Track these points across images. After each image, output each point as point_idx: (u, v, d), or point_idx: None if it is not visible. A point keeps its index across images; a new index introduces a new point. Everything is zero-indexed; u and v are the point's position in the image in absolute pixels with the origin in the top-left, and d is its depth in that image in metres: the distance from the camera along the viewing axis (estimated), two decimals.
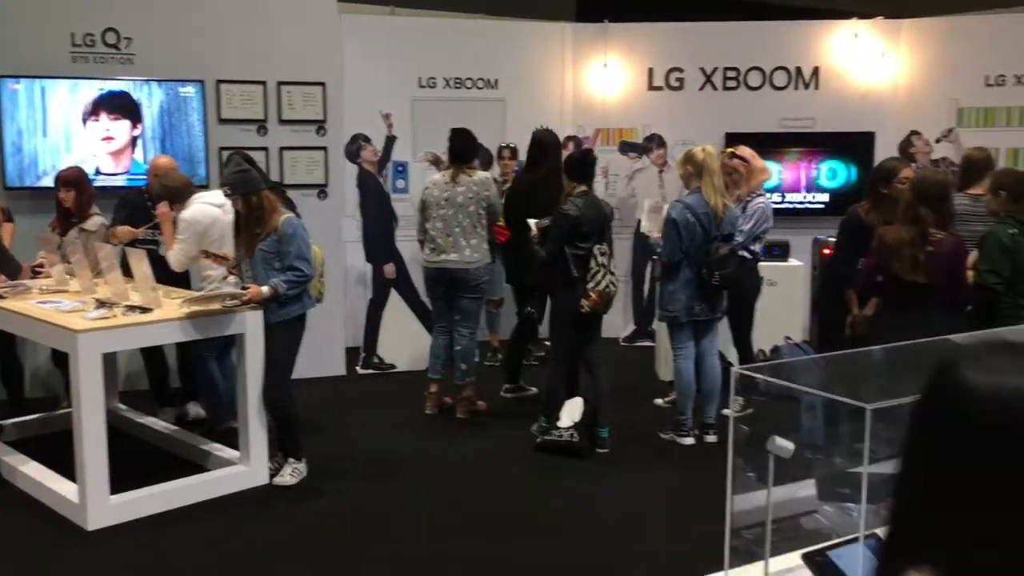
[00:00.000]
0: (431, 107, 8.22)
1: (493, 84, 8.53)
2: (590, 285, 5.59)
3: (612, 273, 5.69)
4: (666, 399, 6.61)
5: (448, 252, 6.22)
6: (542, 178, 6.36)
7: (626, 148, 8.57)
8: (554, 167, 6.29)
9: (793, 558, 2.25)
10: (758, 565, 2.22)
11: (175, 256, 5.58)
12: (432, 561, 4.36)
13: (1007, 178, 5.23)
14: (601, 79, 8.73)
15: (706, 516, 2.69)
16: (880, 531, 2.40)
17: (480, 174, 6.34)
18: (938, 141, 7.88)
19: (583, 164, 5.85)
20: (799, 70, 8.60)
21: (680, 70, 8.69)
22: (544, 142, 6.54)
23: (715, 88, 8.69)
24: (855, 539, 2.20)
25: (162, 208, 5.69)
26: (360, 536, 4.64)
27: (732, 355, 6.46)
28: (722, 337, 6.21)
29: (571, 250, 5.61)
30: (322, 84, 7.27)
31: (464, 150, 6.32)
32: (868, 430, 1.94)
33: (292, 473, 5.22)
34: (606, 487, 5.27)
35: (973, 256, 5.05)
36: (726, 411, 6.36)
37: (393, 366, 7.60)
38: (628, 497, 5.10)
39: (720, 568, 2.29)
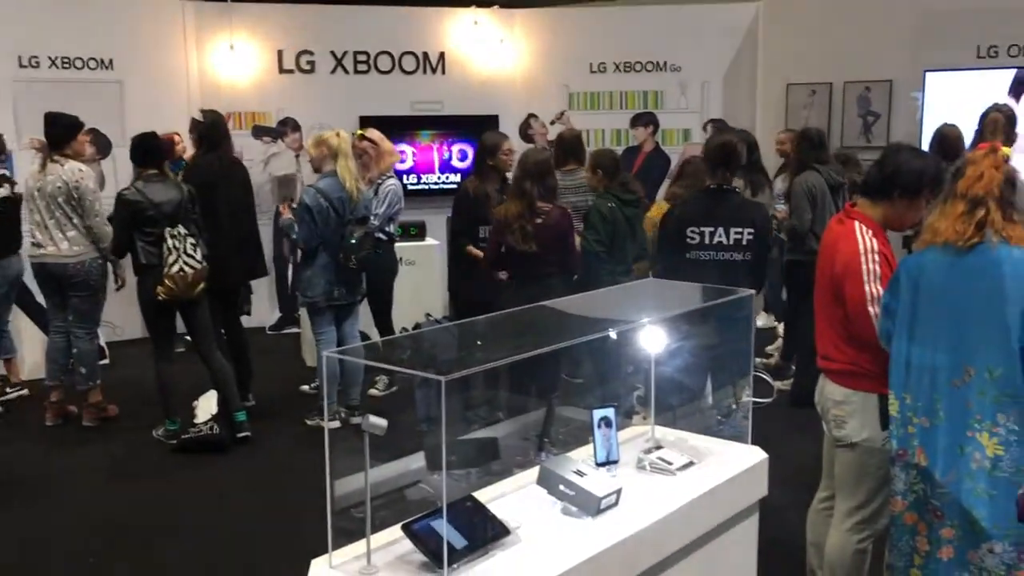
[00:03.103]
0: (35, 90, 7.44)
1: (107, 65, 7.92)
2: (164, 270, 5.40)
3: (191, 256, 5.46)
4: (312, 385, 6.60)
5: (46, 246, 5.78)
6: (229, 160, 6.21)
7: (259, 132, 8.38)
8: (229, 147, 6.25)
9: (396, 530, 2.36)
10: (363, 541, 2.29)
11: None
12: None
13: (603, 158, 5.83)
14: (228, 61, 8.43)
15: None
16: (475, 493, 2.59)
17: (71, 164, 5.84)
18: (552, 123, 8.55)
19: (146, 148, 5.60)
20: (426, 55, 8.93)
21: (310, 53, 8.64)
22: (221, 123, 6.23)
23: (347, 72, 8.75)
24: (453, 503, 2.36)
25: None
26: None
27: (375, 336, 6.59)
28: (366, 319, 6.32)
29: (139, 236, 5.40)
30: None
31: (53, 137, 5.85)
32: (444, 400, 2.06)
33: None
34: (248, 479, 5.19)
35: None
36: (372, 391, 6.52)
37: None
38: (269, 486, 5.06)
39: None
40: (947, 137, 5.93)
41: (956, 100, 6.30)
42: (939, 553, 2.98)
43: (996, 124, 5.36)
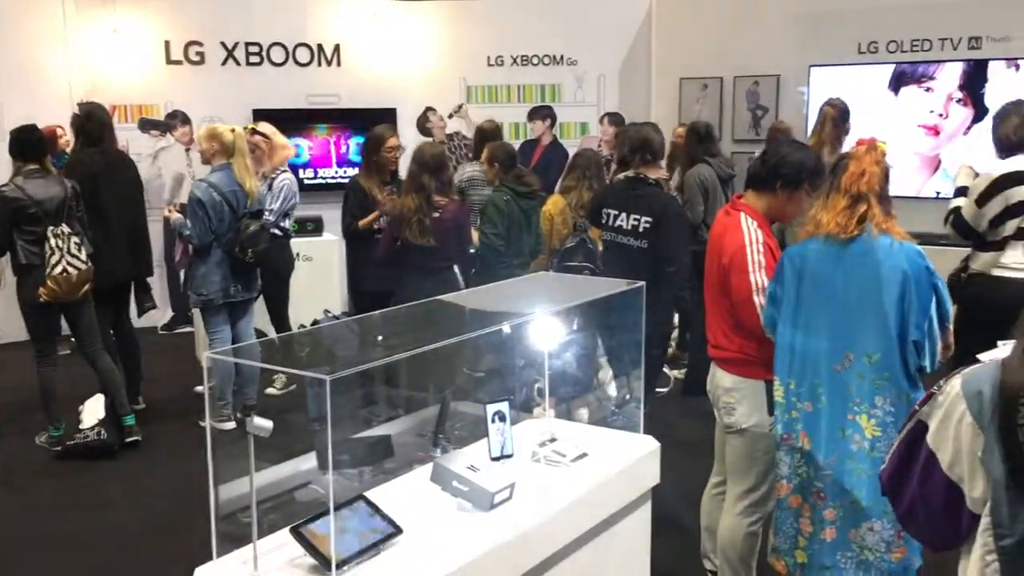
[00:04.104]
0: None
1: None
2: (46, 271, 5.17)
3: (75, 256, 5.25)
4: (208, 385, 6.41)
5: None
6: (114, 154, 5.95)
7: (147, 125, 8.08)
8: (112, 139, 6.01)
9: (285, 534, 2.31)
10: (250, 547, 2.24)
11: None
12: None
13: (499, 151, 5.82)
14: (112, 52, 8.12)
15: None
16: (369, 492, 2.56)
17: None
18: (451, 116, 8.49)
19: (26, 142, 5.33)
20: (321, 47, 8.76)
21: (199, 44, 8.39)
22: (100, 115, 5.94)
23: (238, 63, 8.53)
24: (343, 504, 2.32)
25: None
26: None
27: (272, 334, 6.46)
28: (263, 316, 6.19)
29: (19, 235, 5.16)
30: None
31: None
32: (329, 399, 2.02)
33: None
34: (137, 485, 5.03)
35: None
36: (269, 390, 6.38)
37: None
38: (158, 492, 4.91)
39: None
40: (778, 132, 6.33)
41: (839, 94, 6.52)
42: (822, 534, 3.09)
43: (826, 117, 5.57)
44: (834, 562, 3.07)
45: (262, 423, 2.15)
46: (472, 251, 5.63)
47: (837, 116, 5.45)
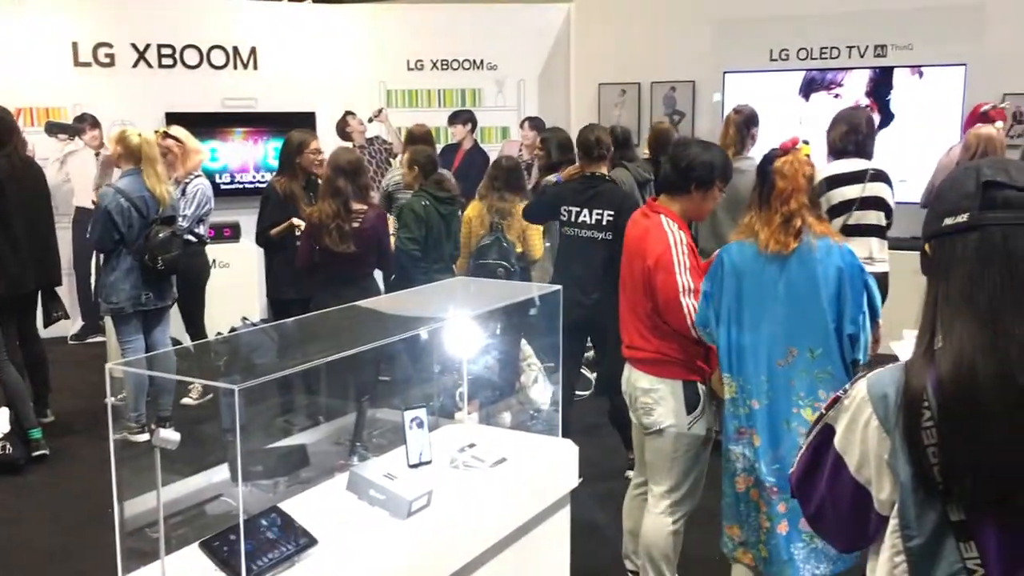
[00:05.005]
0: None
1: None
2: None
3: None
4: (119, 396, 6.23)
5: None
6: (22, 159, 5.71)
7: (54, 129, 7.80)
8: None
9: (195, 548, 2.25)
10: (158, 563, 2.17)
11: None
12: None
13: (420, 156, 5.78)
14: (16, 53, 7.83)
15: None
16: (285, 503, 2.51)
17: None
18: (370, 120, 8.41)
19: None
20: (236, 50, 8.59)
21: (109, 45, 8.15)
22: (8, 119, 5.71)
23: (150, 66, 8.31)
24: (256, 516, 2.26)
25: None
26: None
27: (188, 342, 6.31)
28: (179, 324, 6.05)
29: None
30: None
31: None
32: (238, 409, 1.98)
33: None
34: (43, 501, 4.87)
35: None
36: (186, 400, 6.23)
37: None
38: (66, 508, 4.75)
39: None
40: (659, 133, 6.52)
41: (752, 99, 6.67)
42: (778, 528, 3.13)
43: (728, 122, 5.69)
44: (790, 555, 3.11)
45: (168, 435, 2.09)
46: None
47: (741, 121, 5.55)
